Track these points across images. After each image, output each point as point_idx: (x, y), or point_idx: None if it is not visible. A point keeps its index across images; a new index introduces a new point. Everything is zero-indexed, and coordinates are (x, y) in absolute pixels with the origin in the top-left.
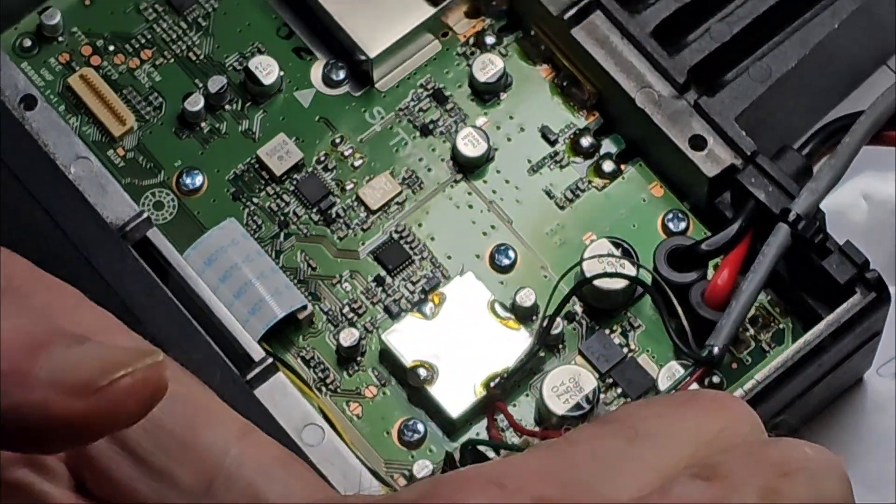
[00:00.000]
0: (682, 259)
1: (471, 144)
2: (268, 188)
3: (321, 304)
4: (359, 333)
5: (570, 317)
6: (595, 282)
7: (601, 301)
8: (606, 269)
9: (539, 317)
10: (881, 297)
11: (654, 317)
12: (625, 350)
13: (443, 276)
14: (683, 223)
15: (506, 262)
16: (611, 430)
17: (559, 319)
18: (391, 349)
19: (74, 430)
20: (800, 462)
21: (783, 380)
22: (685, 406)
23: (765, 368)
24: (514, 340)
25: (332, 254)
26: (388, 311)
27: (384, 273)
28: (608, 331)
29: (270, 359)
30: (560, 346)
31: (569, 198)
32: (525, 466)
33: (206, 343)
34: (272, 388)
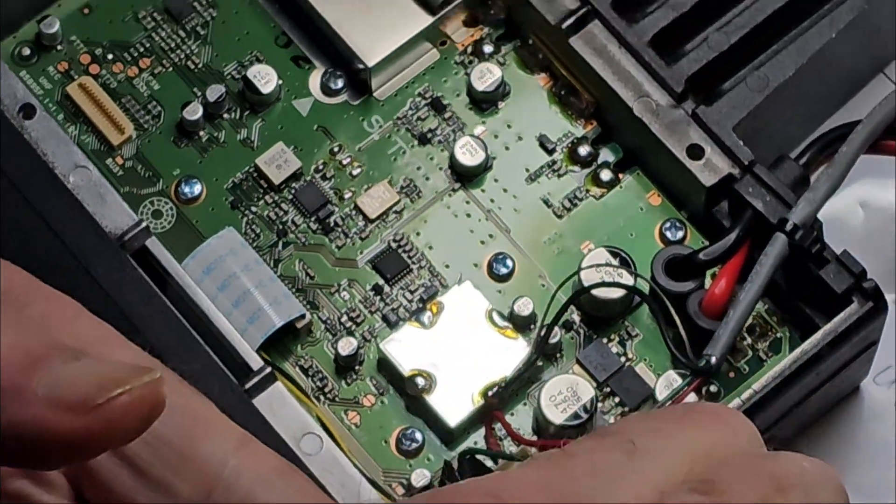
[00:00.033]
0: (680, 268)
1: (469, 153)
2: (266, 197)
3: (319, 313)
4: (357, 342)
5: (568, 326)
6: (593, 291)
7: (599, 310)
8: (604, 279)
9: (537, 326)
10: (878, 307)
11: (652, 326)
12: (622, 359)
13: (441, 285)
14: (681, 232)
15: (504, 271)
16: (609, 444)
17: (557, 328)
18: (389, 358)
19: (72, 447)
20: (797, 476)
21: (780, 389)
22: (683, 420)
23: (762, 378)
24: (512, 349)
25: (331, 262)
26: (387, 320)
27: (382, 282)
28: (606, 340)
29: (269, 368)
30: (558, 355)
31: (566, 206)
32: (523, 479)
33: (205, 352)
34: (270, 398)
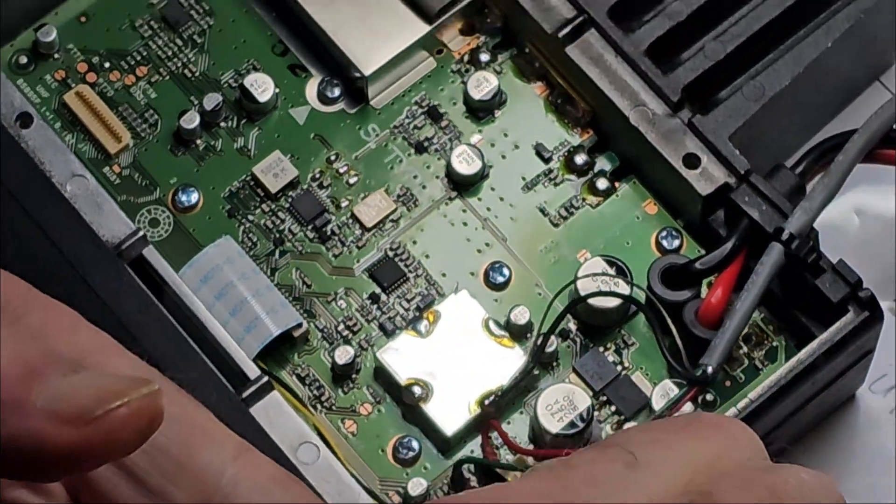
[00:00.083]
0: (676, 277)
1: (465, 162)
2: (263, 205)
3: (316, 322)
4: (354, 351)
5: (565, 334)
6: (589, 300)
7: (595, 319)
8: (600, 288)
9: (533, 334)
10: (874, 316)
11: (648, 334)
12: (619, 368)
13: (437, 294)
14: (677, 241)
15: (500, 280)
16: (609, 455)
17: (553, 337)
18: (386, 367)
19: (71, 460)
20: (795, 488)
21: (777, 398)
22: (685, 431)
23: (758, 386)
24: (509, 358)
25: (327, 271)
26: (383, 329)
27: (379, 291)
28: (602, 349)
29: (266, 377)
30: (554, 364)
31: (563, 215)
32: (524, 490)
33: (202, 361)
34: (267, 407)
